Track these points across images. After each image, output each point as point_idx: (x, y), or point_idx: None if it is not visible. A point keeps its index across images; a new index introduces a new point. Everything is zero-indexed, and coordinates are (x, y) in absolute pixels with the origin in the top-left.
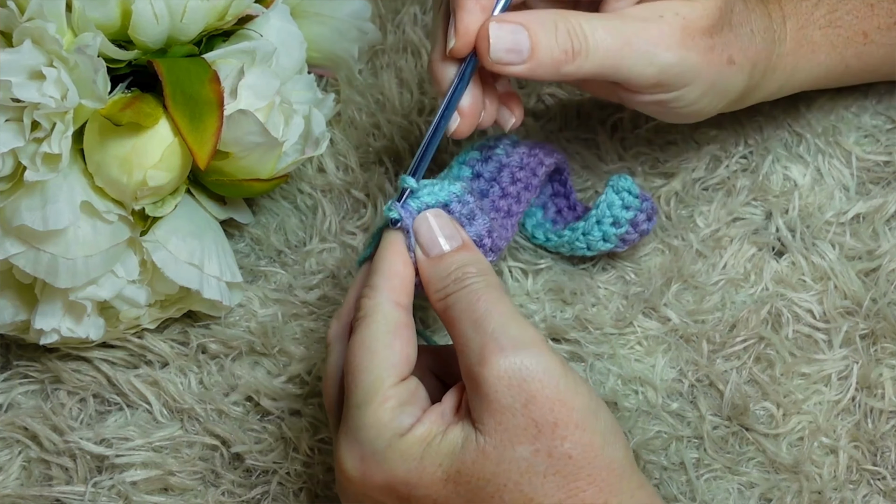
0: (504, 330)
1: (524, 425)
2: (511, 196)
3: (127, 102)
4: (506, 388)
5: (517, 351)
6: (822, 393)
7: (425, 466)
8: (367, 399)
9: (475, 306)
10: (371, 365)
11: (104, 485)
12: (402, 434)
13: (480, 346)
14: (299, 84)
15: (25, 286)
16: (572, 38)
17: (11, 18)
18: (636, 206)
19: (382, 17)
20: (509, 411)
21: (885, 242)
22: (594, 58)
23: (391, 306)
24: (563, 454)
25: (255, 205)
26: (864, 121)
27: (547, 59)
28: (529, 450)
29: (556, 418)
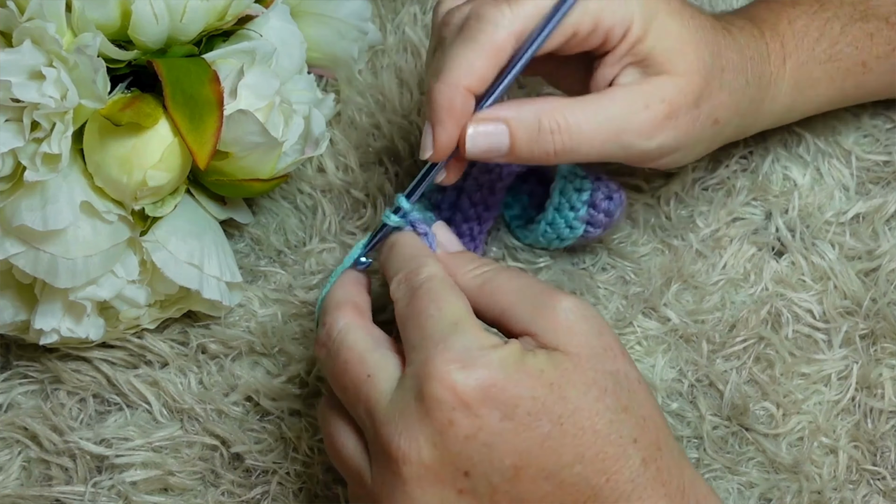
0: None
1: (603, 348)
2: (472, 219)
3: (127, 102)
4: (581, 319)
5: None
6: (821, 393)
7: (528, 370)
8: (459, 320)
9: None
10: (454, 297)
11: (104, 485)
12: (497, 346)
13: (540, 293)
14: (299, 84)
15: (25, 286)
16: (555, 140)
17: (11, 18)
18: (588, 187)
19: (382, 17)
20: (586, 337)
21: (885, 242)
22: (576, 153)
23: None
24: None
25: (255, 205)
26: (863, 121)
27: (525, 155)
28: (613, 367)
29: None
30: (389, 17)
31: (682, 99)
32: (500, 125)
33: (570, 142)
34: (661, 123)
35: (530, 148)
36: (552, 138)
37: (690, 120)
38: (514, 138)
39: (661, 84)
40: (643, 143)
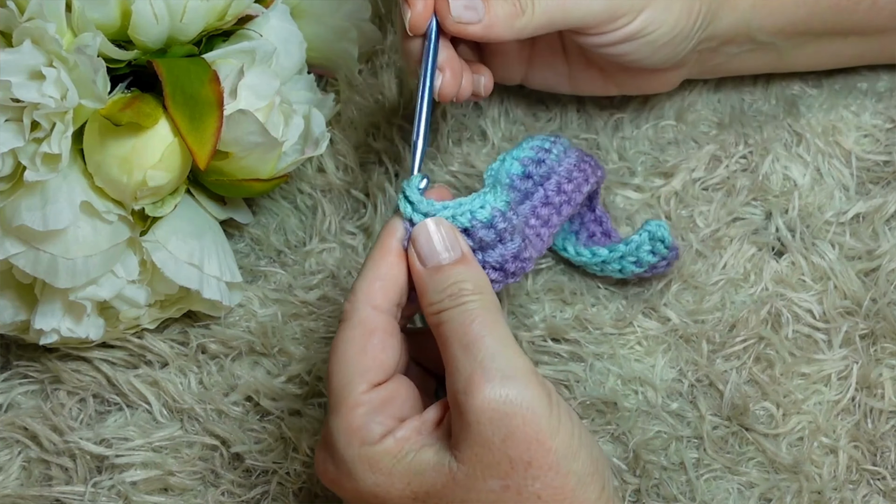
0: (493, 358)
1: (499, 460)
2: (553, 206)
3: (127, 102)
4: (488, 421)
5: (504, 383)
6: (821, 393)
7: (394, 482)
8: (338, 404)
9: (467, 328)
10: (342, 370)
11: (104, 485)
12: (372, 444)
13: (469, 373)
14: (299, 84)
15: (25, 286)
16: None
17: (11, 18)
18: (663, 255)
19: (382, 17)
20: (487, 444)
21: (885, 242)
22: (541, 8)
23: (368, 311)
24: (533, 493)
25: (255, 205)
26: (864, 121)
27: (500, 14)
28: (500, 484)
29: (531, 458)
30: (389, 17)
31: None
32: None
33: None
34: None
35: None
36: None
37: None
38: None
39: None
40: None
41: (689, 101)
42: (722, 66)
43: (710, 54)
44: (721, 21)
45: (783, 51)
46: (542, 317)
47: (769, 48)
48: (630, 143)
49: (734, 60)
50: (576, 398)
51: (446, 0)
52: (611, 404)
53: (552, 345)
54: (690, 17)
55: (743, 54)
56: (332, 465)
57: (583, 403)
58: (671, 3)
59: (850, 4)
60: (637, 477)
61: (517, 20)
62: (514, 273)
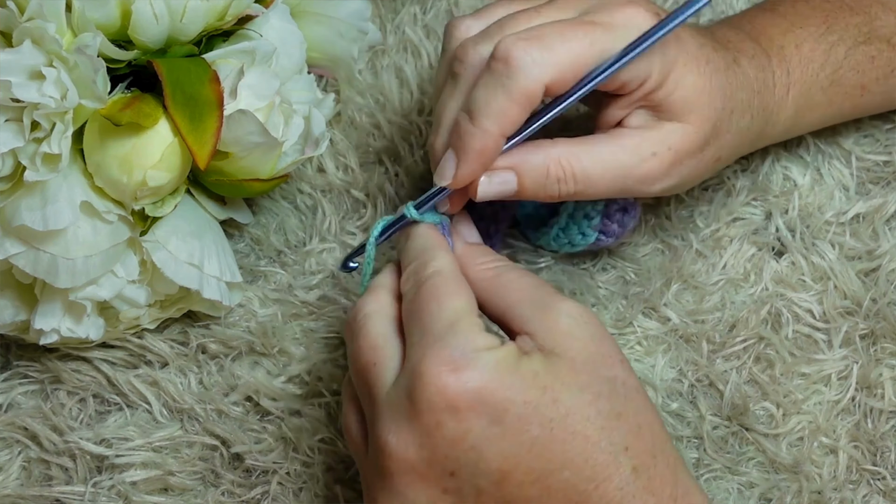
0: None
1: (601, 354)
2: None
3: (127, 102)
4: (580, 324)
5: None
6: (821, 393)
7: (521, 373)
8: (458, 319)
9: (525, 274)
10: (457, 295)
11: (104, 485)
12: (494, 348)
13: (545, 295)
14: (299, 84)
15: (25, 286)
16: (560, 187)
17: (11, 18)
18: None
19: (382, 17)
20: (584, 342)
21: (885, 242)
22: (580, 195)
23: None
24: (633, 387)
25: (255, 205)
26: (863, 121)
27: (531, 196)
28: (610, 374)
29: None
30: (389, 17)
31: (690, 147)
32: (511, 174)
33: (575, 187)
34: (666, 170)
35: (536, 193)
36: (558, 186)
37: (695, 164)
38: (522, 185)
39: (671, 131)
40: (646, 188)
41: None
42: None
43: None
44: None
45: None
46: None
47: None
48: None
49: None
50: None
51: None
52: None
53: None
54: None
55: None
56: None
57: None
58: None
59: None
60: None
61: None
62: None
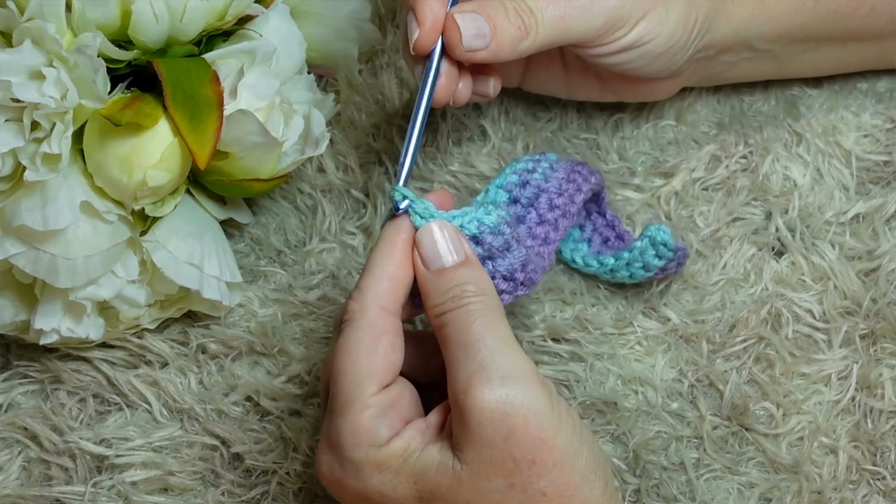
0: (494, 359)
1: (502, 459)
2: (549, 223)
3: (127, 102)
4: (488, 421)
5: (504, 383)
6: (821, 393)
7: (400, 481)
8: (347, 406)
9: (468, 329)
10: (352, 372)
11: (104, 485)
12: (380, 446)
13: (469, 374)
14: (299, 84)
15: (25, 286)
16: (522, 16)
17: (11, 18)
18: (668, 258)
19: (382, 17)
20: (489, 444)
21: (885, 242)
22: (544, 28)
23: (376, 312)
24: (538, 491)
25: (255, 205)
26: (864, 121)
27: (506, 38)
28: (504, 483)
29: (535, 456)
30: (389, 17)
31: None
32: (476, 13)
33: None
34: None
35: (505, 28)
36: (518, 16)
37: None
38: (491, 21)
39: None
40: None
41: (689, 102)
42: (720, 74)
43: (709, 63)
44: (718, 30)
45: (782, 58)
46: (542, 317)
47: (768, 56)
48: (630, 143)
49: (733, 69)
50: (576, 398)
51: (457, 30)
52: (611, 404)
53: (552, 345)
54: (687, 27)
55: (741, 62)
56: (337, 465)
57: (583, 403)
58: (667, 14)
59: (849, 10)
60: (637, 477)
61: (522, 42)
62: (523, 283)
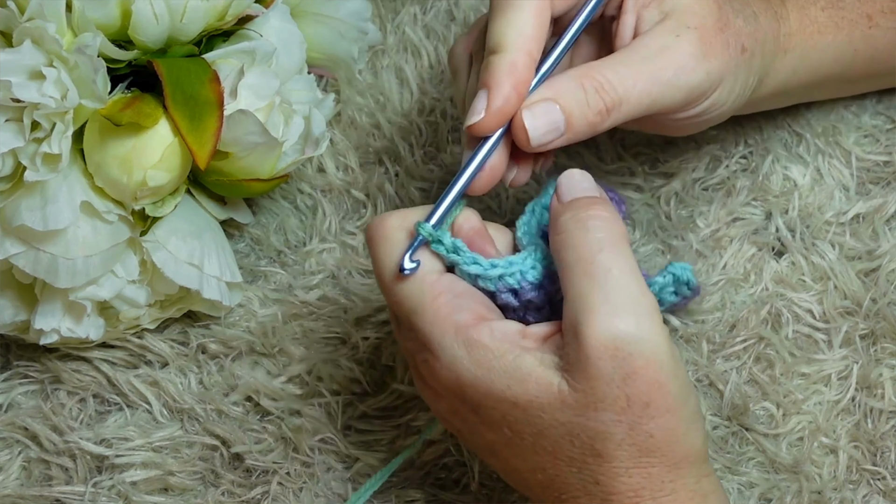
0: (619, 292)
1: (616, 396)
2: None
3: (127, 102)
4: (609, 357)
5: (628, 320)
6: (821, 393)
7: (493, 380)
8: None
9: (594, 257)
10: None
11: (104, 485)
12: (467, 327)
13: (592, 305)
14: (299, 84)
15: (25, 286)
16: (603, 97)
17: (11, 18)
18: (687, 296)
19: (382, 17)
20: (606, 380)
21: (885, 242)
22: (627, 107)
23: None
24: (646, 432)
25: (255, 205)
26: (864, 121)
27: (583, 126)
28: (613, 418)
29: (651, 399)
30: (389, 17)
31: (706, 22)
32: (550, 103)
33: (616, 94)
34: (697, 50)
35: (583, 114)
36: (600, 97)
37: (722, 44)
38: (567, 110)
39: (681, 14)
40: (687, 77)
41: None
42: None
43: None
44: (765, 87)
45: (814, 96)
46: None
47: (801, 96)
48: (630, 143)
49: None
50: None
51: (524, 130)
52: None
53: None
54: (744, 93)
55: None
56: (433, 363)
57: None
58: (734, 84)
59: (887, 55)
60: None
61: (601, 125)
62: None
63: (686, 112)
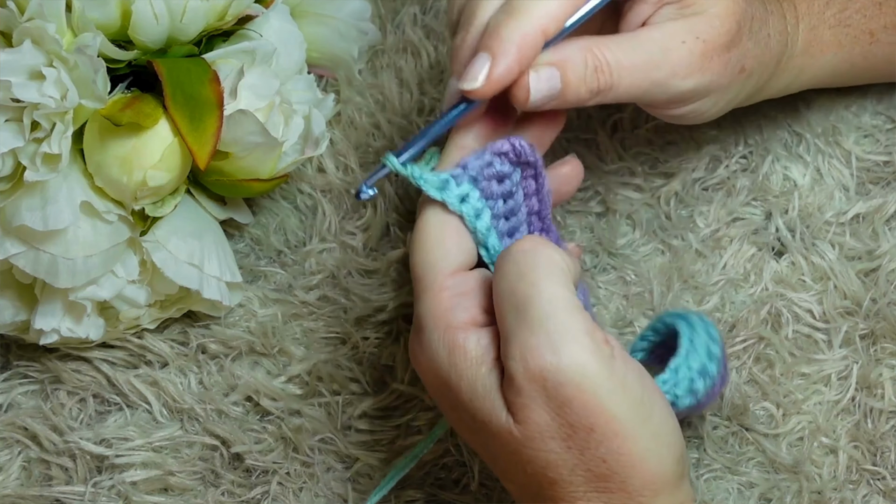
0: (545, 319)
1: (559, 425)
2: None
3: (127, 102)
4: (540, 390)
5: (557, 350)
6: (821, 393)
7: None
8: (425, 289)
9: (516, 287)
10: (425, 256)
11: (104, 485)
12: (456, 327)
13: (515, 337)
14: (299, 84)
15: (25, 286)
16: (599, 78)
17: (11, 18)
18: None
19: (382, 17)
20: (542, 410)
21: (885, 242)
22: (615, 93)
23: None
24: (598, 457)
25: (255, 205)
26: (864, 121)
27: (573, 98)
28: (562, 446)
29: (593, 424)
30: (389, 17)
31: (717, 39)
32: (555, 69)
33: (611, 79)
34: (696, 62)
35: (578, 88)
36: (597, 77)
37: (722, 63)
38: (566, 80)
39: (697, 22)
40: (678, 83)
41: None
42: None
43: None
44: (770, 88)
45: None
46: None
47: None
48: (630, 143)
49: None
50: None
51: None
52: None
53: None
54: (740, 97)
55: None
56: (419, 345)
57: None
58: (727, 96)
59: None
60: None
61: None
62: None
63: (666, 109)
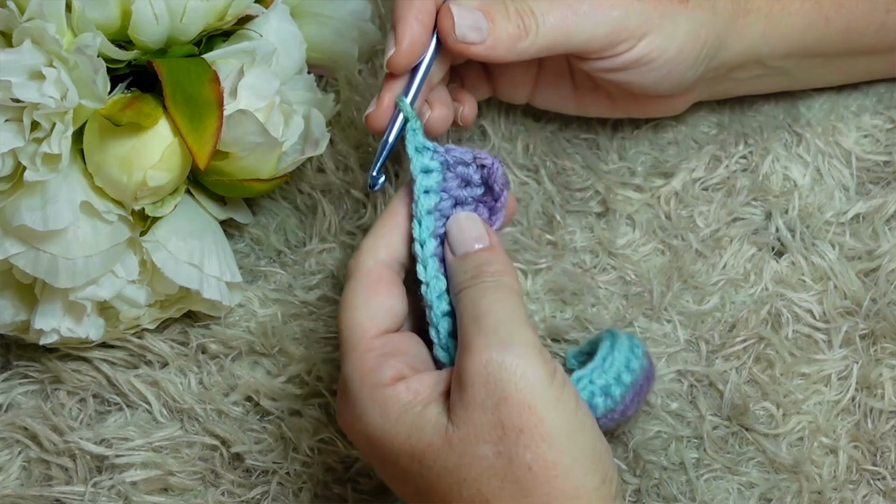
0: (498, 326)
1: (492, 424)
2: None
3: (127, 102)
4: (482, 384)
5: (504, 348)
6: (821, 393)
7: (397, 431)
8: (350, 350)
9: (479, 301)
10: (352, 318)
11: (104, 485)
12: (384, 385)
13: (472, 338)
14: (299, 84)
15: (25, 286)
16: (522, 17)
17: (11, 18)
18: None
19: (382, 17)
20: (481, 408)
21: (885, 242)
22: (544, 31)
23: (371, 263)
24: (523, 464)
25: (255, 205)
26: (864, 121)
27: (503, 35)
28: (492, 450)
29: (523, 425)
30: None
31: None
32: (476, 10)
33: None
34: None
35: (505, 26)
36: (519, 16)
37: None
38: (490, 18)
39: None
40: (604, 11)
41: None
42: (731, 89)
43: (719, 80)
44: (729, 49)
45: (793, 74)
46: (542, 317)
47: (779, 72)
48: (630, 143)
49: (744, 85)
50: None
51: (451, 17)
52: None
53: (552, 345)
54: (696, 46)
55: (752, 79)
56: (346, 407)
57: None
58: (674, 32)
59: (860, 27)
60: (637, 477)
61: (520, 42)
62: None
63: (619, 57)
